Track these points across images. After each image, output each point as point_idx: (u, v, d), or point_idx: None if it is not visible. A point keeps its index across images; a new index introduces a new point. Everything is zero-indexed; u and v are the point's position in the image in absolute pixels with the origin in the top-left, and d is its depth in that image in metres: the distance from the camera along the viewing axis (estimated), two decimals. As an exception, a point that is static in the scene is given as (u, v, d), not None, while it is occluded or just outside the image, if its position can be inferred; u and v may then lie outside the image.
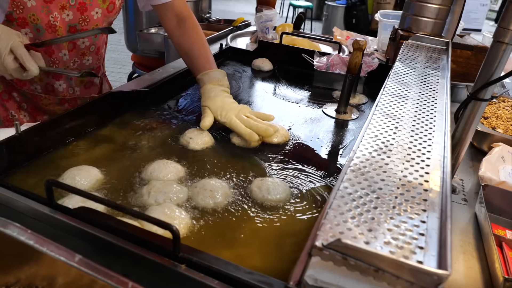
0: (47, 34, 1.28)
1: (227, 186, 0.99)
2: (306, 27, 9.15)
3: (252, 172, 1.06)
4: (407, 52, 1.47)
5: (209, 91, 1.30)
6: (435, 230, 0.60)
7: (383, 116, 0.96)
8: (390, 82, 1.17)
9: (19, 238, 0.63)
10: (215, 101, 1.26)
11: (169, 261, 0.67)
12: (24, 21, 1.24)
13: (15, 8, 1.20)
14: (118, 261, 0.72)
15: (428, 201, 0.67)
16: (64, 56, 1.38)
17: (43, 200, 0.77)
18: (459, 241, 0.98)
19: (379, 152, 0.81)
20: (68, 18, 1.30)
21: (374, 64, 1.71)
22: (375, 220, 0.61)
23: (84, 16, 1.33)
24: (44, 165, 1.02)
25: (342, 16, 8.69)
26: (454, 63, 1.86)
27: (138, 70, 3.14)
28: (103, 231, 0.71)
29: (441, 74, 1.27)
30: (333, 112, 1.51)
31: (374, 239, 0.57)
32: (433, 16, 1.85)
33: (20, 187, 0.82)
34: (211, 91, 1.29)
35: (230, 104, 1.26)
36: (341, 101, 1.50)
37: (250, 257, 0.80)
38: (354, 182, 0.71)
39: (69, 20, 1.31)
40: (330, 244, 0.54)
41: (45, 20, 1.25)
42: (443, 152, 0.81)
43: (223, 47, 2.00)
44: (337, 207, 0.64)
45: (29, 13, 1.22)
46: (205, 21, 3.07)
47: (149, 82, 1.53)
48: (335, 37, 2.54)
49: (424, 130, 0.90)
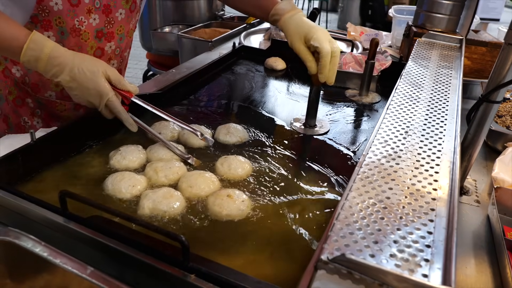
0: (70, 38, 1.27)
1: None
2: (321, 19, 9.07)
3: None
4: (420, 50, 1.45)
5: None
6: (441, 242, 0.60)
7: (393, 120, 0.95)
8: (402, 82, 1.16)
9: (34, 250, 0.66)
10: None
11: (178, 271, 0.68)
12: (49, 23, 1.22)
13: (41, 11, 1.19)
14: (129, 270, 0.74)
15: (435, 210, 0.67)
16: None
17: (57, 209, 0.79)
18: (471, 244, 0.98)
19: (388, 158, 0.81)
20: (95, 22, 1.29)
21: (387, 62, 1.69)
22: (381, 231, 0.62)
23: (109, 19, 1.32)
24: (59, 172, 1.04)
25: (358, 7, 8.61)
26: (468, 59, 1.84)
27: (153, 68, 3.17)
28: (114, 241, 0.73)
29: (454, 73, 1.25)
30: (300, 128, 1.38)
31: (380, 251, 0.58)
32: (447, 12, 1.83)
33: (34, 195, 0.84)
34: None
35: None
36: (310, 115, 1.37)
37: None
38: (362, 191, 0.71)
39: (96, 25, 1.30)
40: (335, 259, 0.54)
41: (70, 24, 1.24)
42: (452, 158, 0.81)
43: (236, 46, 2.00)
44: (343, 219, 0.64)
45: (55, 16, 1.21)
46: (219, 18, 3.07)
47: (163, 83, 1.54)
48: (348, 33, 2.52)
49: (434, 135, 0.90)
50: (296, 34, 1.25)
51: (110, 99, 1.07)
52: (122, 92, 1.11)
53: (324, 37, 1.20)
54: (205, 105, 1.51)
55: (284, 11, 1.32)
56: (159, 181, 1.01)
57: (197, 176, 0.99)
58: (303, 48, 1.24)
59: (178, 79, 1.56)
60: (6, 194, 0.84)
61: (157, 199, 0.91)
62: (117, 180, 0.97)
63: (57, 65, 1.04)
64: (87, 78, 1.05)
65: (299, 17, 1.29)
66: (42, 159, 1.03)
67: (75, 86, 1.06)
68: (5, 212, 0.85)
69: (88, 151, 1.14)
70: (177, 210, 0.91)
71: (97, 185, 0.99)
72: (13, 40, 1.03)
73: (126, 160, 1.07)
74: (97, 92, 1.06)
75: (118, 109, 1.09)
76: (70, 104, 1.45)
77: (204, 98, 1.57)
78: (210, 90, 1.65)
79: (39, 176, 1.01)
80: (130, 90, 1.13)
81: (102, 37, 1.34)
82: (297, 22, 1.27)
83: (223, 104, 1.54)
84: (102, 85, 1.06)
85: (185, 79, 1.57)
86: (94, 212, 0.81)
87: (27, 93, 1.41)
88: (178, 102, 1.50)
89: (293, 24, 1.27)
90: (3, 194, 0.84)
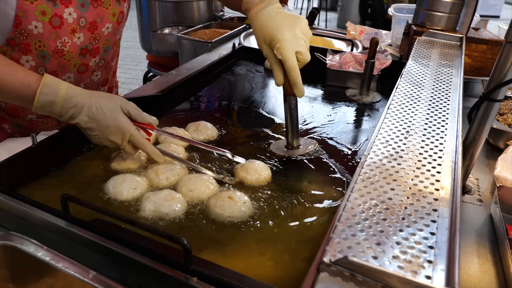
0: (52, 60, 1.21)
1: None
2: (321, 18, 9.07)
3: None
4: (420, 49, 1.45)
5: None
6: (444, 243, 0.60)
7: (394, 120, 0.95)
8: (402, 82, 1.16)
9: (36, 255, 0.66)
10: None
11: (180, 274, 0.68)
12: (27, 47, 1.16)
13: (18, 35, 1.12)
14: (132, 273, 0.74)
15: (438, 211, 0.67)
16: (68, 79, 1.30)
17: (59, 213, 0.79)
18: (474, 244, 0.97)
19: (390, 158, 0.81)
20: (79, 41, 1.23)
21: (387, 62, 1.69)
22: (384, 233, 0.61)
23: (94, 35, 1.26)
24: (61, 175, 1.04)
25: (357, 6, 8.61)
26: (469, 57, 1.83)
27: (153, 69, 3.17)
28: (116, 244, 0.73)
29: (455, 72, 1.25)
30: (282, 151, 1.17)
31: (382, 253, 0.58)
32: (447, 10, 1.82)
33: (36, 199, 0.84)
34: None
35: None
36: (290, 133, 1.15)
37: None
38: (364, 192, 0.71)
39: (81, 43, 1.24)
40: (338, 261, 0.54)
41: (52, 46, 1.18)
42: (454, 157, 0.81)
43: (236, 46, 2.00)
44: (345, 220, 0.64)
45: (35, 39, 1.14)
46: (218, 19, 3.07)
47: (163, 85, 1.54)
48: (348, 32, 2.51)
49: (436, 134, 0.90)
50: (261, 36, 1.06)
51: (133, 134, 1.01)
52: (142, 125, 1.05)
53: (290, 47, 1.01)
54: (205, 106, 1.50)
55: (252, 4, 1.09)
56: (160, 183, 1.01)
57: (196, 180, 0.99)
58: (270, 54, 1.06)
59: (178, 80, 1.56)
60: (7, 198, 0.84)
61: (159, 201, 0.91)
62: (118, 182, 0.97)
63: (73, 106, 0.98)
64: (106, 116, 0.98)
65: (267, 14, 1.05)
66: (44, 163, 1.03)
67: (94, 126, 0.99)
68: (7, 216, 0.85)
69: (89, 153, 1.14)
70: (179, 212, 0.91)
71: (99, 188, 0.99)
72: (24, 88, 0.97)
73: (127, 162, 1.07)
74: (119, 129, 1.00)
75: (143, 142, 1.02)
76: (53, 120, 1.39)
77: (204, 99, 1.57)
78: (210, 91, 1.65)
79: (40, 180, 1.01)
80: (151, 123, 1.06)
81: (87, 54, 1.29)
82: (263, 21, 1.05)
83: (224, 105, 1.54)
84: (122, 121, 1.00)
85: (185, 81, 1.57)
86: (96, 215, 0.81)
87: (4, 119, 1.34)
88: (178, 104, 1.49)
89: (258, 23, 1.06)
90: (5, 198, 0.84)
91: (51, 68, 1.23)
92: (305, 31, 1.06)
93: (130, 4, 1.42)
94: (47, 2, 1.11)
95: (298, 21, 1.06)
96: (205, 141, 1.24)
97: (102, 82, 1.48)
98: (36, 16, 1.10)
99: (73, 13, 1.17)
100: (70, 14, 1.16)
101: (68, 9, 1.15)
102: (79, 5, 1.18)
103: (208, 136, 1.25)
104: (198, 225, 0.89)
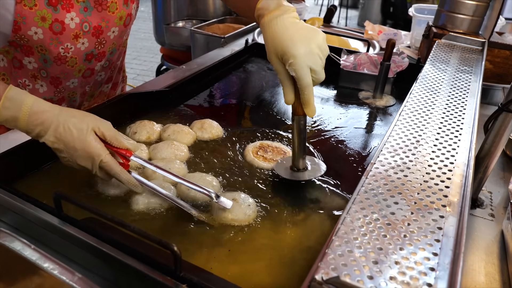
0: (55, 65, 1.18)
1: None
2: (341, 15, 8.97)
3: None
4: (439, 52, 1.40)
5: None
6: (447, 265, 0.56)
7: (405, 128, 0.91)
8: (417, 87, 1.12)
9: (22, 254, 0.64)
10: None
11: (170, 280, 0.66)
12: (29, 49, 1.13)
13: (19, 39, 1.10)
14: (124, 275, 0.72)
15: (443, 229, 0.63)
16: (72, 84, 1.29)
17: (52, 210, 0.77)
18: (482, 262, 0.93)
19: (396, 169, 0.77)
20: (84, 46, 1.19)
21: (404, 64, 1.64)
22: (383, 250, 0.58)
23: (100, 39, 1.22)
24: (59, 170, 1.02)
25: (379, 4, 8.48)
26: (491, 63, 1.77)
27: (166, 62, 3.16)
28: (107, 246, 0.71)
29: (473, 78, 1.20)
30: (286, 173, 1.07)
31: (379, 273, 0.54)
32: (470, 13, 1.76)
33: (36, 192, 0.85)
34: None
35: None
36: (297, 154, 1.06)
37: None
38: (365, 205, 0.67)
39: (85, 48, 1.20)
40: (329, 280, 0.51)
41: (55, 53, 1.14)
42: (465, 172, 0.76)
43: (248, 43, 1.97)
44: (343, 234, 0.61)
45: (36, 44, 1.11)
46: (233, 14, 3.03)
47: (172, 80, 1.52)
48: (366, 32, 2.46)
49: (448, 145, 0.85)
50: (272, 48, 0.95)
51: (104, 160, 0.87)
52: (119, 150, 0.92)
53: (304, 63, 0.91)
54: (213, 103, 1.48)
55: (266, 10, 0.99)
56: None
57: (198, 180, 0.96)
58: (281, 69, 0.95)
59: (187, 76, 1.54)
60: (2, 192, 0.83)
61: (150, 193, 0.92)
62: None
63: (39, 124, 0.87)
64: (74, 137, 0.86)
65: (281, 23, 0.95)
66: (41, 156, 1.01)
67: (62, 147, 0.88)
68: (3, 210, 0.84)
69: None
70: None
71: (96, 183, 0.98)
72: None
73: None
74: (87, 154, 0.87)
75: (116, 170, 0.89)
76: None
77: (213, 96, 1.54)
78: (219, 88, 1.62)
79: (38, 173, 1.00)
80: (129, 148, 0.93)
81: (92, 59, 1.25)
82: (276, 31, 0.95)
83: (232, 103, 1.51)
84: (92, 145, 0.87)
85: (194, 76, 1.54)
86: (90, 213, 0.80)
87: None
88: (186, 100, 1.47)
89: (271, 33, 0.95)
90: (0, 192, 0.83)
91: (53, 73, 1.20)
92: (322, 47, 0.95)
93: (139, 3, 1.37)
94: (47, 8, 1.07)
95: (315, 34, 0.95)
96: (209, 140, 1.21)
97: (106, 80, 1.46)
98: (35, 22, 1.07)
99: (76, 18, 1.13)
100: (72, 19, 1.12)
101: (70, 14, 1.11)
102: (81, 9, 1.14)
103: (213, 135, 1.23)
104: (198, 226, 0.88)
